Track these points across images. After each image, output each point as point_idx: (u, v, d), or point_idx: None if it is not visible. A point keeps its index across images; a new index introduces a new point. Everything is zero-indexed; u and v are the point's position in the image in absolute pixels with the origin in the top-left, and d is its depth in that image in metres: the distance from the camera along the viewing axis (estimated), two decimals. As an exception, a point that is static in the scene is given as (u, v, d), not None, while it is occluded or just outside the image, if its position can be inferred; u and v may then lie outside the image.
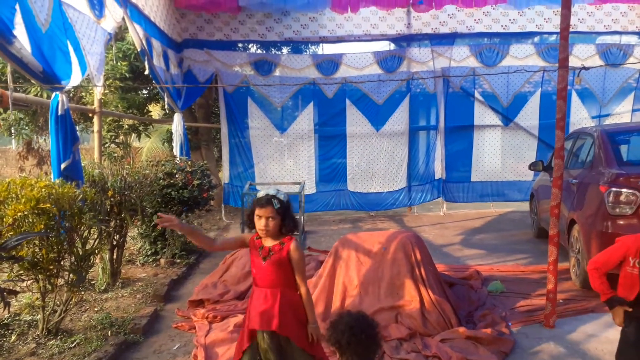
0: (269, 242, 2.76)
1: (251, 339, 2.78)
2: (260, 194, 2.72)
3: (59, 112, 4.69)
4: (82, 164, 5.22)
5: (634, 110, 10.43)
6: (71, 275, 4.10)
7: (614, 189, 4.71)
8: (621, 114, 10.43)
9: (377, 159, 10.49)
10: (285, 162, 10.59)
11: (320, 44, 10.67)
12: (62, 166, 4.70)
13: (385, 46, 10.61)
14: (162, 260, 6.49)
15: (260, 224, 2.69)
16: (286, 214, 2.73)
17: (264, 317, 2.70)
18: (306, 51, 11.40)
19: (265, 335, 2.72)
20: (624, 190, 4.65)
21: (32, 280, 4.04)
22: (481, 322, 4.31)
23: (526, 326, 4.35)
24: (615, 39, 10.65)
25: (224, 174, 10.57)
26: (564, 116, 4.23)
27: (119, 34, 9.68)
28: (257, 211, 2.69)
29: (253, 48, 11.00)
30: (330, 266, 4.58)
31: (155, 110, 14.67)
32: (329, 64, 10.19)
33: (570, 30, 4.35)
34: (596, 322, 4.39)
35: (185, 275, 6.23)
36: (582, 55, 10.09)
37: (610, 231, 4.69)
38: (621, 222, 4.67)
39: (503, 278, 5.63)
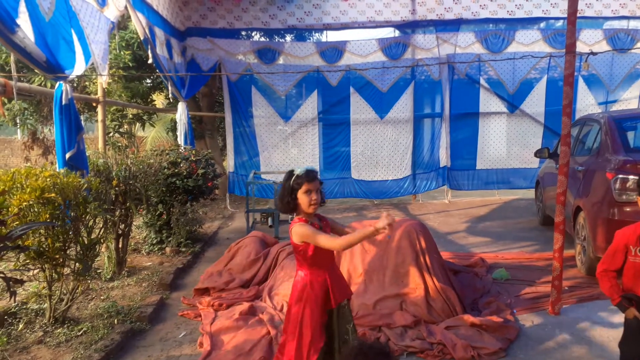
0: (315, 220, 2.77)
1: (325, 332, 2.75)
2: (299, 171, 2.71)
3: (63, 102, 4.69)
4: (87, 154, 5.23)
5: (641, 97, 10.32)
6: (77, 264, 4.13)
7: (620, 176, 4.68)
8: (628, 100, 10.32)
9: (381, 146, 10.45)
10: (289, 151, 10.58)
11: (324, 32, 10.59)
12: (67, 156, 4.71)
13: (389, 33, 10.51)
14: (168, 249, 6.52)
15: (313, 198, 2.68)
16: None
17: (343, 289, 2.84)
18: (310, 39, 11.34)
19: (339, 308, 2.80)
20: (630, 177, 4.62)
21: (38, 270, 4.06)
22: (486, 310, 4.31)
23: (531, 313, 4.34)
24: (623, 23, 10.49)
25: (229, 163, 10.57)
26: (570, 102, 4.18)
27: (122, 23, 9.63)
28: (308, 186, 2.67)
29: (256, 36, 10.94)
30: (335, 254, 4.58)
31: (159, 100, 14.65)
32: (333, 52, 10.11)
33: (577, 15, 4.28)
34: (602, 309, 4.37)
35: (191, 263, 6.26)
36: (589, 40, 9.97)
37: (617, 218, 4.66)
38: (628, 209, 4.64)
39: (508, 265, 5.62)
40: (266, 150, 10.42)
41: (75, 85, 9.80)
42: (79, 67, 4.80)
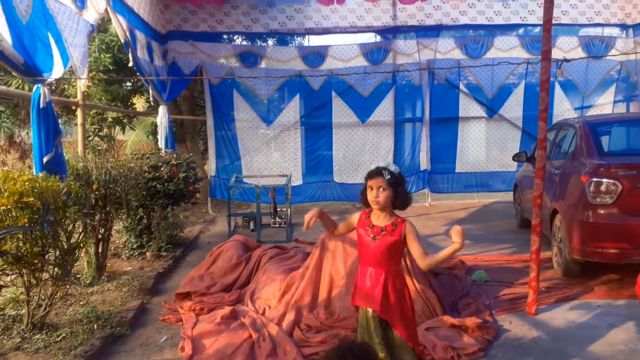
0: (380, 221, 2.76)
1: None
2: (371, 167, 2.76)
3: (41, 105, 4.63)
4: (66, 158, 5.17)
5: (615, 102, 10.58)
6: (56, 269, 4.08)
7: (594, 179, 4.79)
8: (603, 105, 10.58)
9: (362, 150, 10.52)
10: (271, 154, 10.58)
11: (306, 36, 10.64)
12: (45, 160, 4.65)
13: (371, 38, 10.60)
14: (148, 254, 6.47)
15: (371, 195, 2.69)
16: (398, 187, 2.72)
17: (368, 297, 2.73)
18: (292, 43, 11.36)
19: (368, 311, 2.75)
20: (604, 180, 4.74)
21: (16, 275, 4.00)
22: (465, 311, 4.38)
23: (510, 314, 4.43)
24: (598, 31, 10.78)
25: (210, 167, 10.52)
26: (546, 108, 4.29)
27: (102, 26, 9.54)
28: (369, 182, 2.70)
29: (238, 40, 10.93)
30: (317, 257, 4.61)
31: (139, 103, 14.51)
32: (315, 56, 10.16)
33: (553, 22, 4.40)
34: (577, 309, 4.48)
35: (172, 268, 6.22)
36: (565, 47, 10.20)
37: (591, 220, 4.78)
38: (602, 212, 4.76)
39: (487, 267, 5.71)
40: (248, 154, 10.40)
41: (54, 88, 9.68)
42: (57, 71, 4.75)
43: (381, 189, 2.67)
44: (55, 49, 4.71)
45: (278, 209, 8.66)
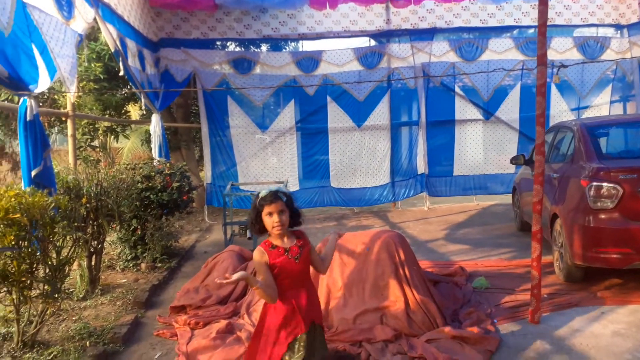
0: (288, 242, 2.75)
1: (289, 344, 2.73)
2: (262, 193, 2.70)
3: (28, 118, 4.53)
4: (56, 170, 5.06)
5: (612, 102, 10.53)
6: (46, 286, 3.97)
7: (595, 184, 4.71)
8: (599, 105, 10.53)
9: (359, 155, 10.45)
10: (268, 160, 10.50)
11: (300, 41, 10.57)
12: (33, 173, 4.54)
13: (364, 42, 10.54)
14: (143, 265, 6.37)
15: (273, 220, 2.66)
16: (293, 205, 2.76)
17: (312, 315, 2.77)
18: (285, 48, 11.31)
19: (313, 329, 2.79)
20: (604, 184, 4.65)
21: (4, 292, 3.90)
22: (467, 321, 4.28)
23: (511, 322, 4.33)
24: (592, 31, 10.75)
25: (206, 174, 10.43)
26: (543, 112, 4.20)
27: (92, 35, 9.43)
28: (268, 209, 2.66)
29: (231, 46, 10.86)
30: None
31: (134, 110, 14.39)
32: (309, 61, 10.09)
33: (548, 23, 4.32)
34: (581, 316, 4.39)
35: (167, 279, 6.12)
36: (560, 48, 10.16)
37: (592, 225, 4.69)
38: (603, 216, 4.67)
39: (487, 273, 5.62)
40: (244, 161, 10.32)
41: (45, 98, 9.56)
42: (44, 83, 4.63)
43: (282, 213, 2.68)
44: (40, 61, 4.59)
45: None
